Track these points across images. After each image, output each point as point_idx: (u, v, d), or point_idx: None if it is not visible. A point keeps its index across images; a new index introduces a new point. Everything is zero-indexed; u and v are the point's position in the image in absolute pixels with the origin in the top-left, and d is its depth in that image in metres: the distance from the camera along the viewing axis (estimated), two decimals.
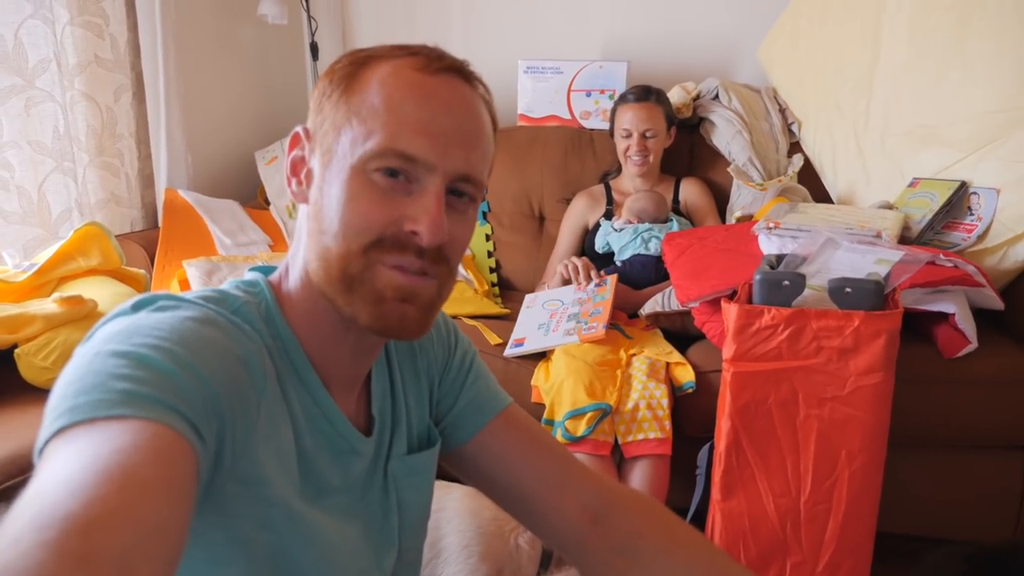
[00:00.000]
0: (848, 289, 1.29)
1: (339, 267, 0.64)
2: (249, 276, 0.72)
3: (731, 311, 1.34)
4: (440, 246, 0.65)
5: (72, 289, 1.60)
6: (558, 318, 1.85)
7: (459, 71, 0.66)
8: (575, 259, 2.00)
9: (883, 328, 1.26)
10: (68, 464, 0.44)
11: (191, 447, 0.50)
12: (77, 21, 1.95)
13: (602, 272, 1.97)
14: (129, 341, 0.53)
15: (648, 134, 2.09)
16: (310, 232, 0.67)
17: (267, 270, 0.74)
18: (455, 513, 1.38)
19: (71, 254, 1.68)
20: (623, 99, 2.15)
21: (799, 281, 1.33)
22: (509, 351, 1.79)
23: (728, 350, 1.34)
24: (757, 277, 1.35)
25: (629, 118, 2.09)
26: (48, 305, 1.44)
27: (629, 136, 2.10)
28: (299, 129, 0.69)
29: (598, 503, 0.81)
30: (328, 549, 0.69)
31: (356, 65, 0.66)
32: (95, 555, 0.39)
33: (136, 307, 0.60)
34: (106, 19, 2.05)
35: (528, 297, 2.02)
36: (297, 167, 0.70)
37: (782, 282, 1.33)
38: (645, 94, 2.12)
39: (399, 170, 0.63)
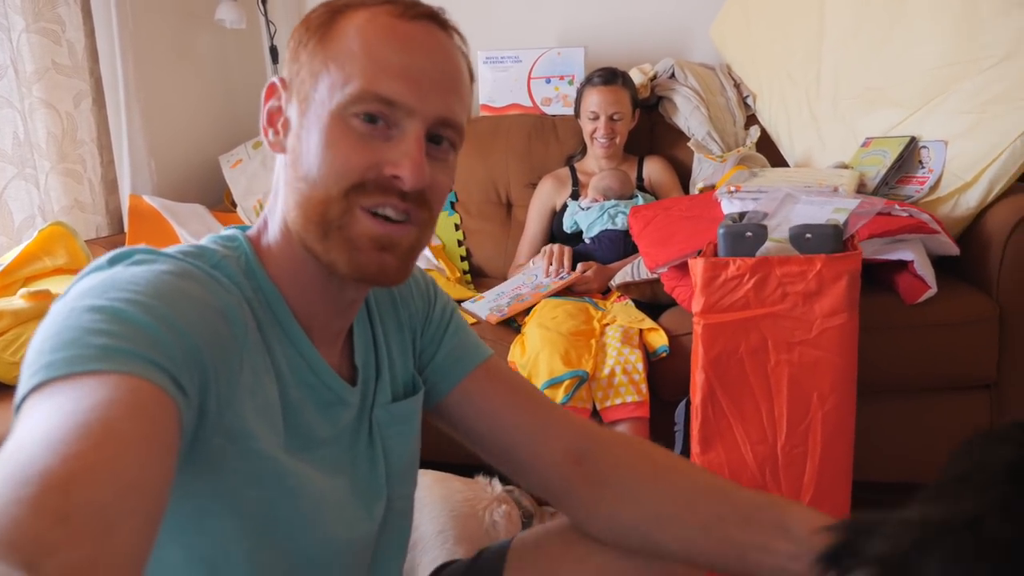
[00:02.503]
0: (808, 235, 1.32)
1: (318, 212, 0.64)
2: (227, 232, 0.71)
3: (698, 265, 1.37)
4: (422, 190, 0.65)
5: (41, 285, 1.58)
6: (516, 285, 1.98)
7: (435, 18, 0.67)
8: (554, 248, 2.02)
9: (844, 270, 1.29)
10: (45, 420, 0.43)
11: (172, 401, 0.49)
12: (33, 28, 1.94)
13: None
14: (105, 296, 0.52)
15: (615, 116, 2.13)
16: (288, 181, 0.67)
17: (244, 229, 0.73)
18: (426, 501, 1.38)
19: (36, 254, 1.67)
20: (589, 81, 2.18)
21: (761, 232, 1.37)
22: (466, 303, 1.93)
23: (697, 304, 1.37)
24: (721, 231, 1.38)
25: (596, 101, 2.13)
26: (15, 301, 1.43)
27: (596, 119, 2.13)
28: (275, 79, 0.70)
29: (581, 443, 0.82)
30: (316, 501, 0.69)
31: (332, 13, 0.66)
32: (74, 511, 0.38)
33: (112, 261, 0.59)
34: (63, 25, 2.04)
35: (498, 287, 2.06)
36: (273, 117, 0.70)
37: (745, 233, 1.36)
38: (612, 77, 2.15)
39: (378, 115, 0.63)
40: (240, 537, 0.63)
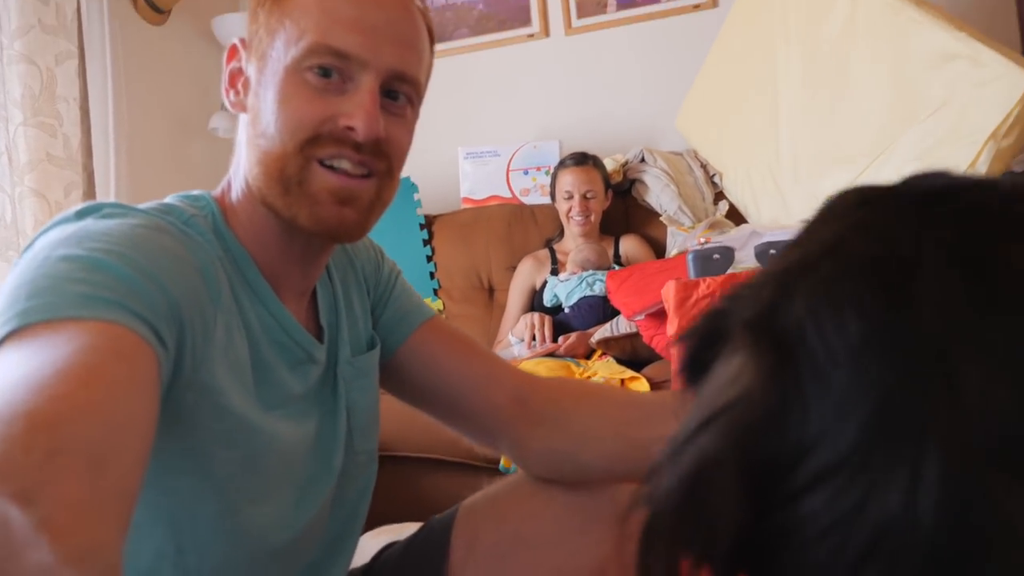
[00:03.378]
0: (773, 251, 1.36)
1: (277, 168, 0.65)
2: (193, 192, 0.72)
3: (669, 288, 1.39)
4: (377, 141, 0.66)
5: None
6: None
7: None
8: (534, 316, 2.04)
9: None
10: (26, 364, 0.42)
11: (152, 351, 0.49)
12: (31, 122, 2.06)
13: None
14: (81, 246, 0.52)
15: (588, 194, 2.23)
16: (248, 139, 0.68)
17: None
18: None
19: None
20: (562, 164, 2.31)
21: (728, 254, 1.40)
22: None
23: (671, 326, 1.39)
24: (690, 255, 1.42)
25: (570, 180, 2.24)
26: None
27: (571, 197, 2.23)
28: (236, 40, 0.72)
29: (524, 389, 0.84)
30: (285, 456, 0.70)
31: None
32: (64, 448, 0.38)
33: (80, 214, 0.58)
34: (60, 120, 2.16)
35: None
36: (234, 78, 0.71)
37: (712, 255, 1.40)
38: (583, 159, 2.29)
39: (332, 68, 0.64)
40: (207, 498, 0.63)
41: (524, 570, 0.79)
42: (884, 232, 0.33)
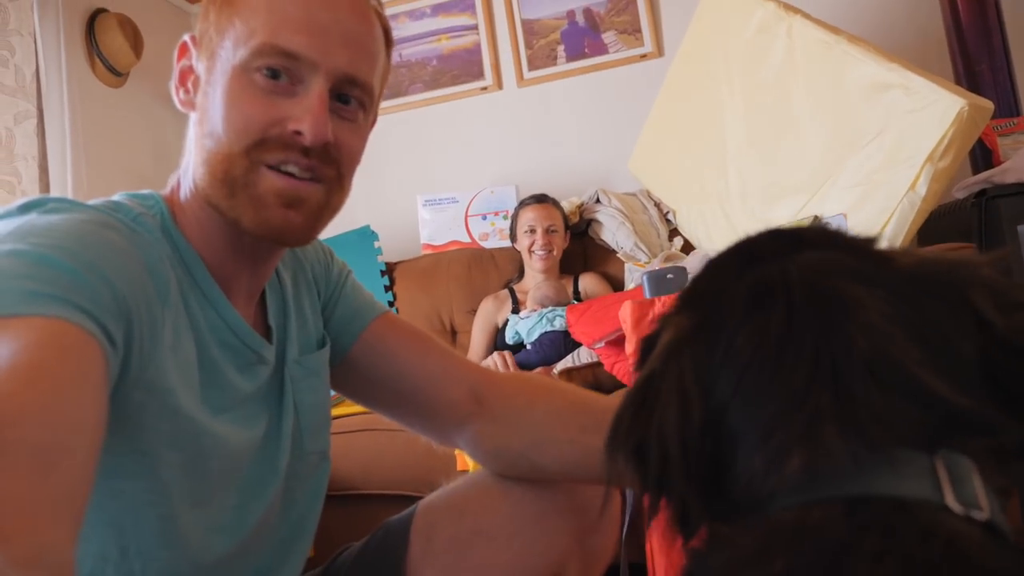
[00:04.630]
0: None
1: (222, 169, 0.63)
2: (142, 191, 0.71)
3: (626, 308, 1.42)
4: (326, 146, 0.65)
5: None
6: None
7: None
8: (495, 356, 2.05)
9: None
10: None
11: (100, 347, 0.48)
12: None
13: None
14: (25, 240, 0.50)
15: (551, 229, 2.29)
16: (195, 138, 0.67)
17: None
18: None
19: None
20: (523, 204, 2.37)
21: (682, 274, 1.44)
22: None
23: (630, 345, 1.41)
24: (644, 276, 1.46)
25: (532, 217, 2.30)
26: None
27: (533, 232, 2.28)
28: (186, 38, 0.70)
29: (480, 387, 0.84)
30: (231, 459, 0.69)
31: None
32: (10, 451, 0.38)
33: (24, 209, 0.57)
34: (19, 177, 2.16)
35: None
36: (184, 76, 0.69)
37: (666, 276, 1.44)
38: (543, 197, 2.37)
39: (281, 69, 0.63)
40: (152, 501, 0.62)
41: (483, 562, 0.78)
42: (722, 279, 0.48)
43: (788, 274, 0.43)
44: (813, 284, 0.42)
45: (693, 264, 1.64)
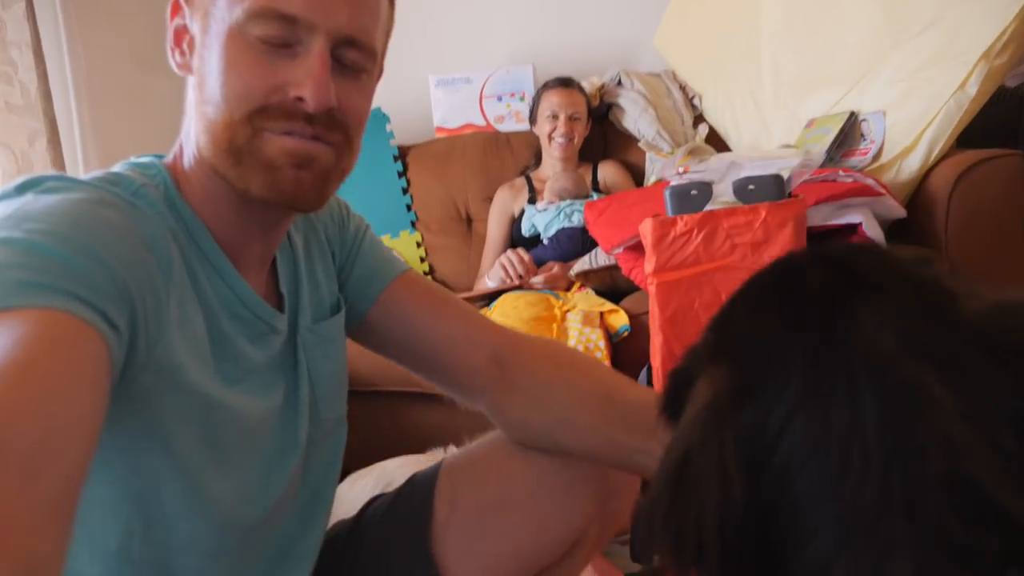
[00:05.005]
0: (751, 186, 1.34)
1: (225, 138, 0.61)
2: (143, 158, 0.68)
3: (647, 225, 1.38)
4: (330, 111, 0.62)
5: None
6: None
7: None
8: (511, 255, 2.02)
9: (788, 216, 1.31)
10: None
11: (100, 336, 0.47)
12: None
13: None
14: (19, 227, 0.49)
15: (574, 116, 2.19)
16: (194, 104, 0.65)
17: (158, 157, 0.70)
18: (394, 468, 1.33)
19: None
20: (546, 86, 2.25)
21: (706, 190, 1.38)
22: None
23: (649, 264, 1.38)
24: (667, 191, 1.40)
25: (555, 102, 2.18)
26: None
27: (555, 118, 2.18)
28: None
29: (500, 349, 0.83)
30: (249, 430, 0.68)
31: None
32: None
33: (21, 189, 0.55)
34: (15, 67, 2.07)
35: None
36: (180, 36, 0.67)
37: (690, 192, 1.38)
38: (568, 81, 2.24)
39: (279, 36, 0.60)
40: (172, 475, 0.62)
41: (507, 530, 0.80)
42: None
43: (851, 351, 0.39)
44: (882, 372, 0.38)
45: (717, 171, 1.57)
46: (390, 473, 1.24)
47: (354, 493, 1.21)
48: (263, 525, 0.71)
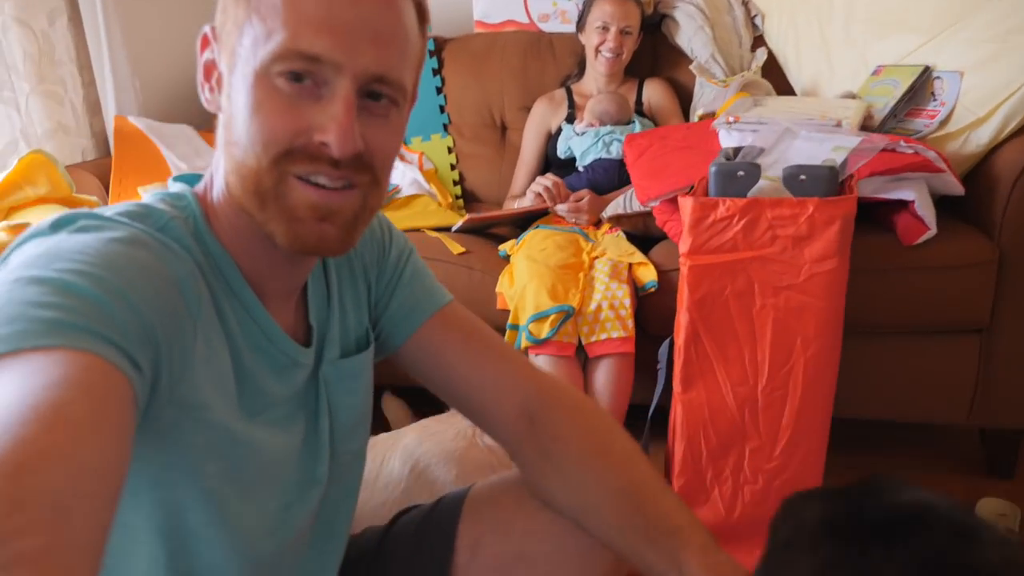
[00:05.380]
0: (802, 176, 1.27)
1: (252, 182, 0.61)
2: (175, 188, 0.68)
3: (687, 204, 1.32)
4: (357, 155, 0.60)
5: (21, 218, 1.56)
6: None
7: None
8: (545, 181, 1.95)
9: (837, 214, 1.25)
10: None
11: (126, 378, 0.48)
12: None
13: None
14: (51, 266, 0.49)
15: (626, 30, 2.04)
16: (222, 143, 0.64)
17: (191, 179, 0.70)
18: (416, 446, 1.37)
19: (17, 183, 1.63)
20: None
21: (754, 171, 1.31)
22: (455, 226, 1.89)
23: (684, 244, 1.34)
24: (712, 169, 1.33)
25: (608, 12, 2.03)
26: None
27: (606, 30, 2.04)
28: (206, 29, 0.65)
29: (532, 403, 0.81)
30: (271, 463, 0.69)
31: None
32: (28, 499, 0.37)
33: (55, 227, 0.55)
34: None
35: None
36: (209, 71, 0.65)
37: (737, 172, 1.31)
38: None
39: (304, 73, 0.58)
40: (196, 508, 0.63)
41: None
42: None
43: None
44: None
45: (769, 136, 1.48)
46: (412, 452, 1.28)
47: (382, 483, 1.25)
48: (282, 556, 0.74)
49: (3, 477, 0.37)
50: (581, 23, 2.13)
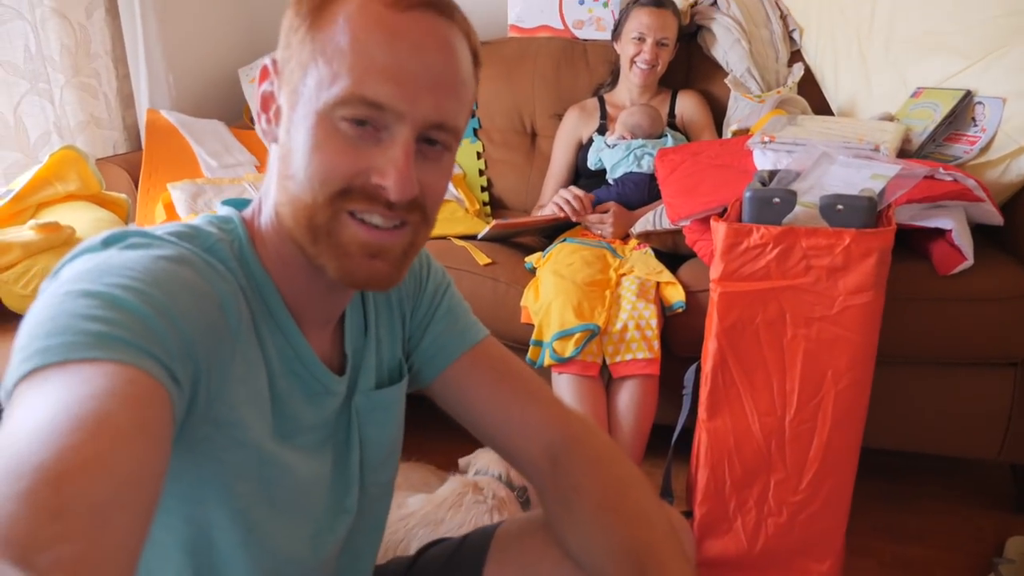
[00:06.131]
0: (840, 206, 1.25)
1: (305, 216, 0.62)
2: (223, 211, 0.70)
3: (719, 229, 1.30)
4: (412, 198, 0.62)
5: (51, 215, 1.57)
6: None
7: (433, 5, 0.61)
8: (565, 193, 1.93)
9: (874, 247, 1.22)
10: (39, 410, 0.43)
11: (166, 392, 0.49)
12: None
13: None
14: (100, 281, 0.51)
15: (663, 42, 2.02)
16: (277, 176, 0.65)
17: (240, 204, 0.71)
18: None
19: (48, 179, 1.65)
20: (638, 2, 2.05)
21: (790, 199, 1.29)
22: (481, 234, 1.88)
23: (716, 270, 1.32)
24: (747, 194, 1.31)
25: (646, 23, 2.00)
26: (25, 232, 1.42)
27: (642, 40, 2.01)
28: (267, 61, 0.66)
29: (557, 447, 0.81)
30: (299, 487, 0.70)
31: None
32: (68, 507, 0.38)
33: (106, 243, 0.57)
34: None
35: None
36: (267, 102, 0.66)
37: (772, 199, 1.29)
38: (663, 0, 2.03)
39: (367, 119, 0.60)
40: (225, 527, 0.64)
41: None
42: None
43: None
44: None
45: (806, 158, 1.45)
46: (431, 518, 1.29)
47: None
48: None
49: (45, 485, 0.38)
50: (617, 32, 2.11)
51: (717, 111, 2.13)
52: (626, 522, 0.77)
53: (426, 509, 1.31)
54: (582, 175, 2.12)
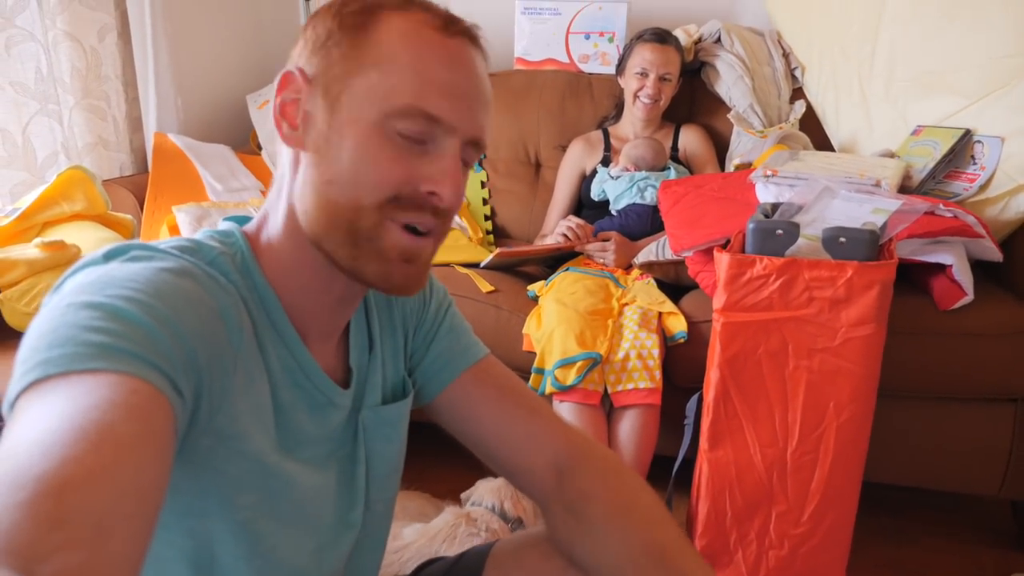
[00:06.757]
0: (842, 239, 1.26)
1: (347, 220, 0.63)
2: (223, 226, 0.70)
3: (723, 260, 1.31)
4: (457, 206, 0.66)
5: (56, 234, 1.58)
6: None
7: (472, 36, 0.66)
8: (567, 223, 1.96)
9: (876, 279, 1.23)
10: (42, 420, 0.43)
11: (168, 403, 0.49)
12: None
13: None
14: (103, 292, 0.51)
15: (666, 77, 2.05)
16: (310, 181, 0.64)
17: (241, 220, 0.72)
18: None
19: (54, 199, 1.66)
20: (641, 38, 2.08)
21: (793, 230, 1.30)
22: (484, 262, 1.89)
23: (719, 300, 1.32)
24: (750, 226, 1.32)
25: (648, 58, 2.04)
26: (30, 250, 1.43)
27: (645, 75, 2.05)
28: (293, 70, 0.66)
29: (562, 461, 0.81)
30: (302, 500, 0.69)
31: (367, 14, 0.64)
32: (70, 517, 0.38)
33: (108, 257, 0.58)
34: None
35: None
36: (290, 108, 0.66)
37: (775, 231, 1.30)
38: (667, 36, 2.07)
39: (423, 130, 0.63)
40: (227, 540, 0.63)
41: None
42: None
43: None
44: None
45: (808, 192, 1.47)
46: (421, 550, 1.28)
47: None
48: None
49: (47, 495, 0.38)
50: (621, 67, 2.14)
51: (720, 145, 2.15)
52: (642, 524, 0.77)
53: (420, 542, 1.30)
54: (585, 206, 2.13)
